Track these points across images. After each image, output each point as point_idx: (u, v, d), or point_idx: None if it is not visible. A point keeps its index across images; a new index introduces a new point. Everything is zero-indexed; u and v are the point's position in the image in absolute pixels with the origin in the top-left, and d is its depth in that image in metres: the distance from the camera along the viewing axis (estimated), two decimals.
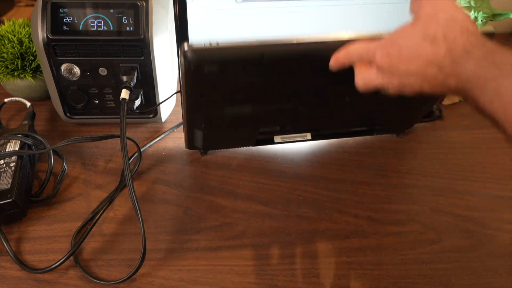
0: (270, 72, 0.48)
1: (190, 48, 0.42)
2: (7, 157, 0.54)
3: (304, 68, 0.48)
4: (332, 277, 0.49)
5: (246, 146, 0.64)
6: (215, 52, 0.43)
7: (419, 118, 0.67)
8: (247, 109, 0.54)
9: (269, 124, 0.60)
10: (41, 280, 0.47)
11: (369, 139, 0.68)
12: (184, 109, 0.52)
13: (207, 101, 0.51)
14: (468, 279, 0.49)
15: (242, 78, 0.48)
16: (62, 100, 0.63)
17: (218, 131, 0.59)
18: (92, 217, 0.53)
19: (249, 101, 0.53)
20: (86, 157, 0.63)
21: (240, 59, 0.45)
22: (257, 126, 0.59)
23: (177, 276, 0.48)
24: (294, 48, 0.45)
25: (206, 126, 0.56)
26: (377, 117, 0.63)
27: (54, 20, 0.56)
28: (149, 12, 0.56)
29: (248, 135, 0.61)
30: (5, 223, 0.52)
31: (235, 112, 0.54)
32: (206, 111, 0.53)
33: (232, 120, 0.56)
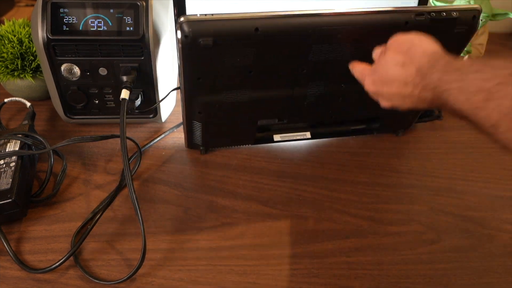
0: (266, 48, 0.48)
1: (186, 19, 0.43)
2: (7, 157, 0.54)
3: (300, 44, 0.49)
4: (332, 277, 0.49)
5: (245, 144, 0.64)
6: (210, 24, 0.44)
7: (416, 116, 0.67)
8: (244, 96, 0.54)
9: (267, 114, 0.60)
10: (41, 280, 0.47)
11: (369, 139, 0.68)
12: (183, 96, 0.52)
13: (204, 84, 0.51)
14: (468, 279, 0.49)
15: (237, 55, 0.48)
16: (62, 100, 0.63)
17: (217, 123, 0.59)
18: (92, 217, 0.53)
19: (246, 86, 0.53)
20: (86, 157, 0.63)
21: (235, 32, 0.46)
22: (256, 117, 0.59)
23: (177, 276, 0.48)
24: (289, 21, 0.46)
25: (205, 116, 0.56)
26: (375, 109, 0.63)
27: (54, 20, 0.56)
28: (149, 12, 0.56)
29: (247, 129, 0.61)
30: (5, 223, 0.52)
31: (233, 99, 0.54)
32: (203, 97, 0.53)
33: (230, 110, 0.56)
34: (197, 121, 0.56)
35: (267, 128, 0.64)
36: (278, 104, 0.58)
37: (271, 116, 0.61)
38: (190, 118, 0.56)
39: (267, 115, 0.60)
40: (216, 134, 0.61)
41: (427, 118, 0.71)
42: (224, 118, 0.58)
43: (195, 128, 0.58)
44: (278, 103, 0.58)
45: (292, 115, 0.61)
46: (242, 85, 0.53)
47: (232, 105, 0.55)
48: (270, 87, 0.55)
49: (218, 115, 0.57)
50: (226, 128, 0.61)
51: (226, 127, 0.60)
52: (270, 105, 0.58)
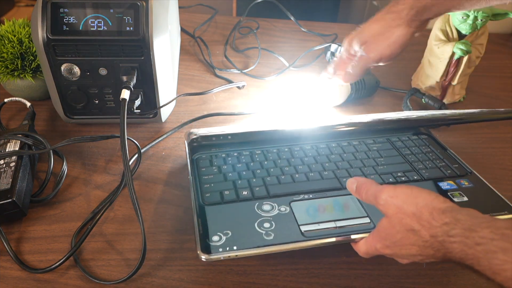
0: None
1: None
2: (7, 157, 0.54)
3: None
4: (332, 277, 0.49)
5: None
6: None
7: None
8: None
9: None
10: (41, 280, 0.47)
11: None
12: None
13: None
14: (468, 279, 0.49)
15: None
16: (62, 100, 0.63)
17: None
18: (92, 217, 0.53)
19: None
20: (86, 157, 0.63)
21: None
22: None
23: (177, 276, 0.48)
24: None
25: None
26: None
27: (54, 20, 0.56)
28: (149, 12, 0.56)
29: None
30: (5, 223, 0.52)
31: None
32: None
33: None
34: None
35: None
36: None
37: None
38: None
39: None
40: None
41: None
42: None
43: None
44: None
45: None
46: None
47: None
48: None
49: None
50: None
51: None
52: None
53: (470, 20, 0.67)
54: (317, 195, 0.50)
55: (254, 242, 0.44)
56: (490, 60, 0.85)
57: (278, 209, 0.48)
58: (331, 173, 0.54)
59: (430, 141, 0.61)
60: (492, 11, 0.67)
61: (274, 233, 0.45)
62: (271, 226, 0.46)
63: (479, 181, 0.53)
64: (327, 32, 1.00)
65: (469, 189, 0.52)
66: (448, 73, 0.73)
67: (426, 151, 0.59)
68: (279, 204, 0.48)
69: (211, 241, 0.43)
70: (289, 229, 0.45)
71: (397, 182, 0.53)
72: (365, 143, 0.60)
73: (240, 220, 0.46)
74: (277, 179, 0.53)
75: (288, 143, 0.59)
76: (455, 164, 0.56)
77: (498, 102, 0.80)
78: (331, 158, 0.56)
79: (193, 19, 1.03)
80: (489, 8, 0.67)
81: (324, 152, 0.57)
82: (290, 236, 0.45)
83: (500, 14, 0.67)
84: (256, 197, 0.50)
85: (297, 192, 0.50)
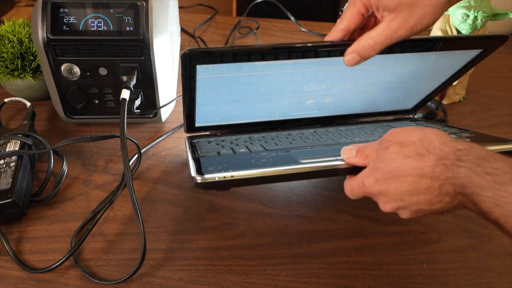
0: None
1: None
2: (7, 157, 0.54)
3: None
4: (332, 277, 0.49)
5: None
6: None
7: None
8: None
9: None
10: (41, 280, 0.47)
11: None
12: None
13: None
14: (468, 279, 0.49)
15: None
16: (62, 100, 0.63)
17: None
18: (92, 217, 0.53)
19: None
20: (86, 157, 0.63)
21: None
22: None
23: (177, 276, 0.48)
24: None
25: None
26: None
27: (54, 20, 0.56)
28: (149, 12, 0.56)
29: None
30: (5, 223, 0.52)
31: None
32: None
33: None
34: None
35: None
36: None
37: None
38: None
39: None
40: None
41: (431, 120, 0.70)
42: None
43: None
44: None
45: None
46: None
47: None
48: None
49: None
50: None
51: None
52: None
53: (470, 20, 0.67)
54: (317, 148, 0.48)
55: (250, 166, 0.42)
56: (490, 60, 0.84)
57: (276, 154, 0.46)
58: (330, 139, 0.52)
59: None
60: (492, 11, 0.67)
61: (271, 162, 0.43)
62: (268, 159, 0.44)
63: (480, 133, 0.53)
64: (327, 32, 1.00)
65: (470, 136, 0.51)
66: None
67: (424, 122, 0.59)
68: (277, 153, 0.47)
69: (206, 169, 0.41)
70: (285, 159, 0.43)
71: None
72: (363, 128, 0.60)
73: (237, 160, 0.45)
74: (275, 143, 0.51)
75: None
76: (455, 126, 0.57)
77: (498, 102, 0.80)
78: (329, 131, 0.56)
79: (193, 19, 1.03)
80: (489, 8, 0.67)
81: (322, 131, 0.57)
82: (286, 163, 0.42)
83: (500, 14, 0.67)
84: (253, 151, 0.48)
85: (295, 147, 0.49)
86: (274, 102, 0.56)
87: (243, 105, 0.55)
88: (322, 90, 0.55)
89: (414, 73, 0.55)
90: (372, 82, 0.56)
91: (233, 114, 0.57)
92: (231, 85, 0.50)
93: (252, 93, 0.53)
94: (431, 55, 0.52)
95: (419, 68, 0.55)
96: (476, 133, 0.54)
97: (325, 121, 0.62)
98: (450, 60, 0.54)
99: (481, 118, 0.75)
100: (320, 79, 0.53)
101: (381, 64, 0.53)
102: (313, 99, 0.57)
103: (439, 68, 0.55)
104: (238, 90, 0.52)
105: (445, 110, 0.71)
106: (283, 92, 0.54)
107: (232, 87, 0.51)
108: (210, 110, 0.55)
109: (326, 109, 0.60)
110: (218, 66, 0.47)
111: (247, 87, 0.51)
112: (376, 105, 0.62)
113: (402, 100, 0.63)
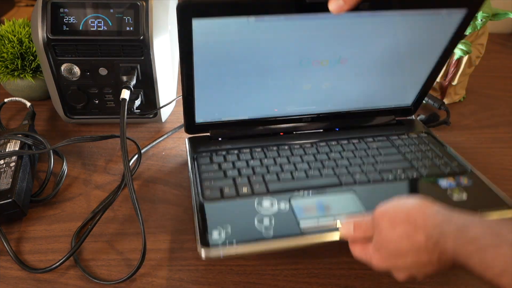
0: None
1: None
2: (7, 157, 0.54)
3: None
4: (332, 277, 0.49)
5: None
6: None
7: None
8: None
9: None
10: (41, 280, 0.47)
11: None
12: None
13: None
14: (468, 279, 0.49)
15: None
16: (62, 100, 0.63)
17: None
18: (92, 217, 0.53)
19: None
20: (86, 157, 0.63)
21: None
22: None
23: (177, 276, 0.48)
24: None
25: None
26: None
27: (54, 20, 0.56)
28: (149, 12, 0.56)
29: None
30: (5, 223, 0.52)
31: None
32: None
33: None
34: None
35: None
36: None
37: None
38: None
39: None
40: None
41: (433, 123, 0.70)
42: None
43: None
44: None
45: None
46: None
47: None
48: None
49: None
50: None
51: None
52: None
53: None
54: (317, 192, 0.50)
55: (253, 236, 0.44)
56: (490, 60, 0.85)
57: (278, 206, 0.48)
58: (330, 171, 0.54)
59: (430, 139, 0.61)
60: (492, 11, 0.67)
61: (274, 228, 0.45)
62: (271, 222, 0.46)
63: (478, 179, 0.53)
64: None
65: (468, 187, 0.52)
66: (448, 73, 0.73)
67: (425, 149, 0.59)
68: (279, 200, 0.48)
69: (211, 238, 0.43)
70: (289, 225, 0.45)
71: (396, 180, 0.53)
72: (364, 141, 0.60)
73: (239, 215, 0.46)
74: (277, 176, 0.53)
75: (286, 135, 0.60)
76: (454, 162, 0.56)
77: (498, 102, 0.80)
78: (330, 156, 0.56)
79: None
80: (489, 8, 0.67)
81: (323, 150, 0.57)
82: (289, 231, 0.45)
83: (500, 14, 0.67)
84: (256, 193, 0.50)
85: (297, 188, 0.51)
86: (272, 83, 0.55)
87: (243, 80, 0.54)
88: (317, 67, 0.55)
89: (402, 44, 0.55)
90: (365, 59, 0.56)
91: (232, 103, 0.57)
92: (230, 53, 0.50)
93: (251, 61, 0.52)
94: (412, 16, 0.52)
95: (405, 36, 0.54)
96: (475, 180, 0.53)
97: (324, 121, 0.63)
98: (435, 26, 0.54)
99: (481, 118, 0.75)
100: (316, 48, 0.52)
101: (369, 34, 0.52)
102: (310, 84, 0.57)
103: (426, 38, 0.55)
104: (237, 58, 0.51)
105: (447, 110, 0.71)
106: (282, 58, 0.53)
107: (231, 54, 0.50)
108: (208, 94, 0.55)
109: (324, 102, 0.60)
110: (215, 22, 0.46)
111: (245, 53, 0.50)
112: (374, 98, 0.62)
113: (398, 90, 0.62)
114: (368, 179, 0.53)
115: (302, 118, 0.61)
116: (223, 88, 0.54)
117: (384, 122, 0.65)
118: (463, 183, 0.52)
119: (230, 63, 0.51)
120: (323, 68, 0.55)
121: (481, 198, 0.50)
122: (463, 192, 0.51)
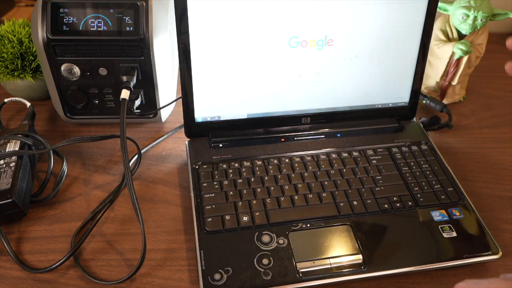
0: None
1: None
2: (7, 157, 0.54)
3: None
4: None
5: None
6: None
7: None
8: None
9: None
10: (41, 280, 0.47)
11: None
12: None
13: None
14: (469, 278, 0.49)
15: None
16: (62, 100, 0.63)
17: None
18: (92, 217, 0.53)
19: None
20: (86, 157, 0.63)
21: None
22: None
23: (177, 276, 0.48)
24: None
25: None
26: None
27: (54, 20, 0.56)
28: (149, 12, 0.56)
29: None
30: (5, 223, 0.52)
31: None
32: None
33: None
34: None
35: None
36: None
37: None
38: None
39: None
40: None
41: (434, 126, 0.70)
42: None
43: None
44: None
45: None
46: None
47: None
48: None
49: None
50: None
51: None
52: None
53: (470, 20, 0.67)
54: (315, 225, 0.51)
55: (253, 282, 0.45)
56: (490, 60, 0.84)
57: (277, 242, 0.49)
58: (329, 196, 0.54)
59: (429, 153, 0.61)
60: (492, 11, 0.67)
61: (272, 272, 0.46)
62: (270, 263, 0.47)
63: (470, 212, 0.54)
64: None
65: (459, 222, 0.53)
66: (448, 73, 0.73)
67: (424, 168, 0.59)
68: (278, 235, 0.50)
69: (213, 279, 0.45)
70: (286, 268, 0.47)
71: (392, 209, 0.54)
72: (366, 156, 0.60)
73: (240, 254, 0.48)
74: (277, 202, 0.53)
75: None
76: (449, 188, 0.57)
77: (498, 102, 0.80)
78: (330, 175, 0.57)
79: None
80: (489, 8, 0.67)
81: (324, 167, 0.58)
82: (287, 277, 0.46)
83: (500, 14, 0.67)
84: (256, 225, 0.51)
85: (296, 220, 0.51)
86: (265, 67, 0.57)
87: (238, 69, 0.57)
88: (306, 50, 0.57)
89: (383, 29, 0.58)
90: (352, 42, 0.58)
91: (229, 95, 0.58)
92: (224, 29, 0.54)
93: (248, 29, 0.55)
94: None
95: (383, 20, 0.57)
96: (466, 213, 0.54)
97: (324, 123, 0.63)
98: (406, 11, 0.58)
99: (481, 118, 0.75)
100: (303, 26, 0.55)
101: (352, 16, 0.56)
102: (302, 70, 0.58)
103: (402, 22, 0.58)
104: (231, 35, 0.54)
105: (449, 113, 0.70)
106: (272, 36, 0.56)
107: (225, 30, 0.54)
108: (207, 83, 0.57)
109: (319, 96, 0.61)
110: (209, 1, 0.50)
111: (239, 28, 0.54)
112: (368, 89, 0.62)
113: (390, 81, 0.63)
114: (365, 209, 0.53)
115: (300, 117, 0.62)
116: (220, 78, 0.57)
117: (386, 127, 0.65)
118: (455, 216, 0.53)
119: (225, 41, 0.55)
120: (312, 50, 0.57)
121: (469, 237, 0.51)
122: (453, 229, 0.52)
